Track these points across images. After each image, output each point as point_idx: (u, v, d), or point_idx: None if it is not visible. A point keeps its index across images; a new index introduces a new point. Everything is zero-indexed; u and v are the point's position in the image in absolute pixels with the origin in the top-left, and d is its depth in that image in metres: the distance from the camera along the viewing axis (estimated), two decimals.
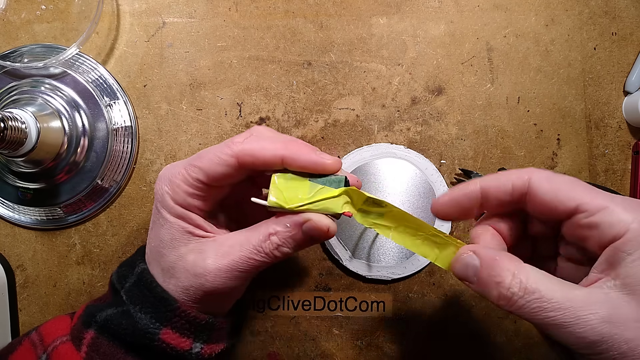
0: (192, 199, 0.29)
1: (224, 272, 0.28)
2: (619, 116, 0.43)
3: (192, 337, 0.30)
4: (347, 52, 0.43)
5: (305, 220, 0.28)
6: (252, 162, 0.28)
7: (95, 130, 0.42)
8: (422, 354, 0.43)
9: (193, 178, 0.29)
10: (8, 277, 0.43)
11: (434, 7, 0.43)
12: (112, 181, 0.43)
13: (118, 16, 0.44)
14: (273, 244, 0.28)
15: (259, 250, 0.28)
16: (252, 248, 0.28)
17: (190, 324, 0.30)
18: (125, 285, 0.31)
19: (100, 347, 0.29)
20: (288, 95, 0.43)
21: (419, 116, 0.43)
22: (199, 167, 0.29)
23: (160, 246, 0.30)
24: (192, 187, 0.29)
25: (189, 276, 0.29)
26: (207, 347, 0.31)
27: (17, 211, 0.43)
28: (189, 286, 0.29)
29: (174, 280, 0.29)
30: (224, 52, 0.44)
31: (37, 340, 0.31)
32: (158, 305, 0.29)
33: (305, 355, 0.43)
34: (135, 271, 0.31)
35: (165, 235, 0.30)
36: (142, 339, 0.29)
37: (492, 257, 0.25)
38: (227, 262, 0.28)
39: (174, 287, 0.29)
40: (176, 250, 0.29)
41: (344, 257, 0.42)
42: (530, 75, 0.43)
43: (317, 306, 0.43)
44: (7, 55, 0.43)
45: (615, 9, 0.43)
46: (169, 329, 0.29)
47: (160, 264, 0.30)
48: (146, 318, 0.29)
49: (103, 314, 0.30)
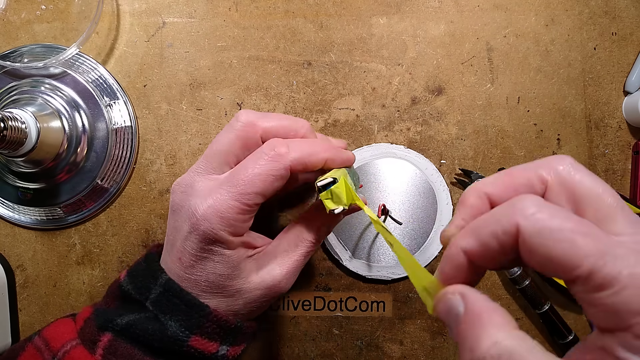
0: (248, 223, 0.30)
1: (292, 274, 0.32)
2: (619, 116, 0.43)
3: (219, 341, 0.31)
4: (347, 52, 0.43)
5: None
6: (303, 169, 0.30)
7: (95, 130, 0.42)
8: (422, 354, 0.43)
9: (251, 205, 0.29)
10: (8, 277, 0.43)
11: (434, 7, 0.43)
12: (112, 181, 0.43)
13: (118, 16, 0.44)
14: (323, 235, 0.33)
15: (315, 242, 0.33)
16: (308, 243, 0.32)
17: (220, 328, 0.30)
18: (149, 296, 0.31)
19: (117, 350, 0.29)
20: (288, 95, 0.43)
21: (419, 116, 0.43)
22: (255, 192, 0.28)
23: (219, 280, 0.30)
24: (249, 213, 0.29)
25: (260, 291, 0.31)
26: (232, 349, 0.31)
27: (17, 211, 0.43)
28: (260, 298, 0.31)
29: (242, 301, 0.31)
30: (224, 52, 0.44)
31: (42, 345, 0.31)
32: (189, 312, 0.30)
33: (305, 355, 0.43)
34: (159, 282, 0.31)
35: (224, 269, 0.30)
36: (170, 345, 0.29)
37: (480, 310, 0.19)
38: (291, 263, 0.32)
39: (241, 307, 0.31)
40: (239, 277, 0.31)
41: (344, 257, 0.42)
42: (530, 75, 0.43)
43: (317, 306, 0.43)
44: (7, 55, 0.43)
45: (615, 9, 0.43)
46: (197, 336, 0.30)
47: (222, 294, 0.31)
48: (176, 326, 0.29)
49: (124, 319, 0.30)
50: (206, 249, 0.29)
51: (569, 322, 0.42)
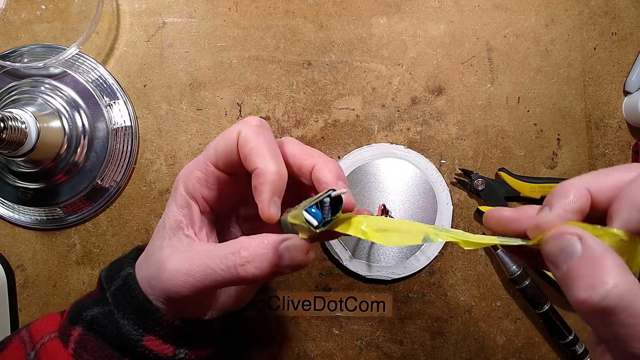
0: (201, 186, 0.29)
1: (181, 275, 0.27)
2: (619, 116, 0.43)
3: (175, 344, 0.30)
4: (347, 52, 0.43)
5: (285, 239, 0.25)
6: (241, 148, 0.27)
7: (95, 130, 0.42)
8: (422, 354, 0.43)
9: (204, 161, 0.29)
10: (8, 277, 0.43)
11: (434, 7, 0.43)
12: (112, 181, 0.43)
13: (118, 16, 0.44)
14: (241, 259, 0.26)
15: (222, 262, 0.26)
16: (214, 258, 0.26)
17: (173, 331, 0.29)
18: (110, 287, 0.31)
19: (87, 344, 0.29)
20: (288, 95, 0.43)
21: (419, 116, 0.43)
22: (211, 147, 0.29)
23: (155, 231, 0.30)
24: (203, 171, 0.29)
25: (154, 269, 0.28)
26: (192, 352, 0.30)
27: (17, 211, 0.43)
28: (150, 277, 0.28)
29: (153, 269, 0.29)
30: (224, 52, 0.44)
31: (27, 338, 0.31)
32: (140, 312, 0.29)
33: (305, 355, 0.43)
34: (121, 274, 0.31)
35: (162, 223, 0.30)
36: (124, 343, 0.29)
37: (599, 254, 0.20)
38: (186, 266, 0.27)
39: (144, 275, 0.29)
40: (160, 240, 0.29)
41: (344, 257, 0.42)
42: (530, 75, 0.43)
43: (317, 306, 0.43)
44: (7, 55, 0.43)
45: (615, 9, 0.43)
46: (152, 336, 0.29)
47: (148, 248, 0.30)
48: (129, 324, 0.29)
49: (89, 313, 0.30)
50: (169, 202, 0.30)
51: (569, 322, 0.42)
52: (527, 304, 0.42)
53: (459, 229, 0.43)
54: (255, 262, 0.25)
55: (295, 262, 0.25)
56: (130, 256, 0.32)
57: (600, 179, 0.22)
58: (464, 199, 0.43)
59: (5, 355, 0.31)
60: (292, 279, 0.43)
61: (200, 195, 0.29)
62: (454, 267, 0.43)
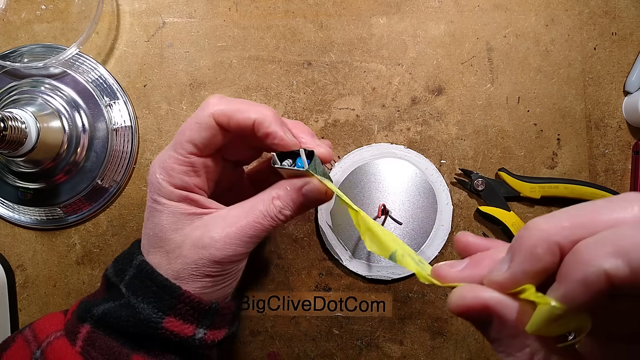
0: (188, 177, 0.30)
1: (233, 238, 0.29)
2: (619, 116, 0.43)
3: (195, 323, 0.30)
4: (347, 52, 0.43)
5: (305, 183, 0.30)
6: (228, 123, 0.29)
7: (95, 130, 0.42)
8: (422, 354, 0.43)
9: (183, 154, 0.29)
10: (8, 277, 0.43)
11: (434, 7, 0.43)
12: (112, 181, 0.43)
13: (118, 16, 0.44)
14: (277, 207, 0.30)
15: (266, 215, 0.30)
16: (259, 213, 0.30)
17: (194, 310, 0.30)
18: (124, 278, 0.31)
19: (96, 341, 0.29)
20: (288, 95, 0.43)
21: (419, 116, 0.43)
22: (185, 140, 0.29)
23: (162, 232, 0.30)
24: (186, 164, 0.30)
25: (197, 250, 0.29)
26: (210, 333, 0.31)
27: (17, 211, 0.43)
28: (197, 259, 0.29)
29: (181, 259, 0.30)
30: (224, 52, 0.44)
31: (31, 337, 0.31)
32: (161, 294, 0.29)
33: (305, 355, 0.43)
34: (134, 264, 0.31)
35: (166, 220, 0.30)
36: (145, 328, 0.29)
37: None
38: (235, 229, 0.29)
39: (181, 266, 0.30)
40: (181, 231, 0.30)
41: (344, 257, 0.42)
42: (530, 75, 0.43)
43: (317, 306, 0.43)
44: (7, 55, 0.43)
45: (615, 9, 0.43)
46: (172, 317, 0.29)
47: (164, 248, 0.30)
48: (149, 308, 0.29)
49: (100, 308, 0.30)
50: (153, 199, 0.30)
51: None
52: None
53: (459, 228, 0.43)
54: (288, 206, 0.30)
55: (319, 200, 0.30)
56: (134, 248, 0.33)
57: (584, 226, 0.17)
58: (464, 199, 0.43)
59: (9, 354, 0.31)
60: (292, 279, 0.43)
61: (192, 184, 0.30)
62: None
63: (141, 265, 0.30)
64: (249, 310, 0.43)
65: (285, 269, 0.43)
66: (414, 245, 0.42)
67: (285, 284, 0.43)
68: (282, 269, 0.43)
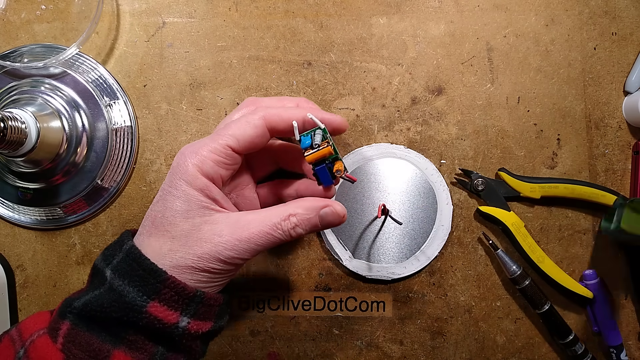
0: (218, 167, 0.31)
1: (242, 242, 0.30)
2: (619, 116, 0.43)
3: (179, 310, 0.30)
4: (347, 52, 0.43)
5: (325, 206, 0.32)
6: (278, 122, 0.32)
7: (95, 130, 0.42)
8: (422, 354, 0.43)
9: (223, 145, 0.31)
10: (8, 277, 0.43)
11: (434, 7, 0.43)
12: (112, 181, 0.43)
13: (118, 16, 0.44)
14: (291, 224, 0.31)
15: (278, 228, 0.31)
16: (272, 225, 0.31)
17: (178, 295, 0.30)
18: (112, 262, 0.31)
19: (76, 338, 0.29)
20: (288, 95, 0.43)
21: (419, 116, 0.43)
22: (230, 134, 0.31)
23: (172, 215, 0.31)
24: (221, 155, 0.31)
25: (203, 244, 0.30)
26: (194, 323, 0.30)
27: (17, 211, 0.43)
28: (201, 253, 0.30)
29: (185, 248, 0.30)
30: (224, 52, 0.44)
31: (16, 336, 0.31)
32: (147, 277, 0.29)
33: (305, 355, 0.43)
34: (124, 248, 0.31)
35: (180, 205, 0.31)
36: (128, 312, 0.29)
37: None
38: (246, 234, 0.30)
39: (183, 255, 0.30)
40: (191, 219, 0.30)
41: (344, 257, 0.42)
42: (530, 75, 0.43)
43: (317, 306, 0.43)
44: (7, 55, 0.43)
45: (615, 9, 0.43)
46: (156, 302, 0.29)
47: (170, 233, 0.30)
48: (133, 291, 0.29)
49: (81, 300, 0.30)
50: (172, 183, 0.31)
51: (569, 322, 0.42)
52: (527, 304, 0.42)
53: (459, 228, 0.43)
54: (302, 225, 0.32)
55: (334, 223, 0.32)
56: (124, 236, 0.33)
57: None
58: (464, 199, 0.43)
59: None
60: (292, 279, 0.43)
61: (219, 176, 0.32)
62: (454, 267, 0.43)
63: (130, 250, 0.30)
64: (249, 310, 0.43)
65: (285, 269, 0.43)
66: (414, 245, 0.42)
67: (285, 284, 0.43)
68: (282, 269, 0.43)
